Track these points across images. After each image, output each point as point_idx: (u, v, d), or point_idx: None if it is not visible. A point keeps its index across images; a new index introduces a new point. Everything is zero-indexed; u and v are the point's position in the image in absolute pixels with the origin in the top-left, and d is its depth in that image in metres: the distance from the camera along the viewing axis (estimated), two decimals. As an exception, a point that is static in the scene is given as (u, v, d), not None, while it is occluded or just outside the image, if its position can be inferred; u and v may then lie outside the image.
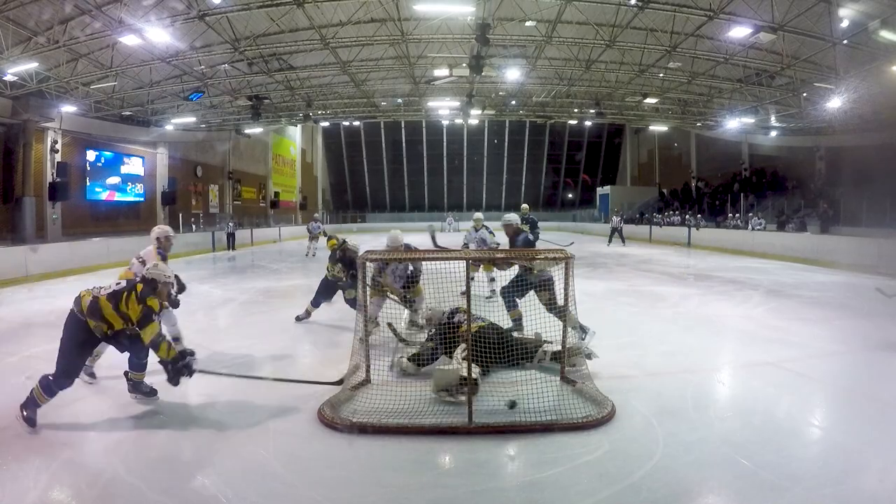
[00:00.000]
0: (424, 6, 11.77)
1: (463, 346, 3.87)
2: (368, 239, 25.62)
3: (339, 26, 12.94)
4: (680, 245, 18.82)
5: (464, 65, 14.91)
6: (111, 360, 4.87)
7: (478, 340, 4.01)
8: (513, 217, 5.76)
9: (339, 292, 6.05)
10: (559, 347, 4.10)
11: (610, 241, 19.31)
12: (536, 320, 4.31)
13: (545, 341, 4.45)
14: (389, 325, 4.97)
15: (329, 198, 39.69)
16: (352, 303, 5.59)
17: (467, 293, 3.64)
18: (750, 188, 22.79)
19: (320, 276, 6.32)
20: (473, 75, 14.80)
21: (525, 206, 10.29)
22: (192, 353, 3.56)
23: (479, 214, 8.64)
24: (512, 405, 3.52)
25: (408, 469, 2.83)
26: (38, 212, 14.44)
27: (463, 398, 3.45)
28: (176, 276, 4.05)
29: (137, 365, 3.77)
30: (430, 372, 4.04)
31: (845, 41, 11.88)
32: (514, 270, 4.94)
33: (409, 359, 4.30)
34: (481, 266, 7.62)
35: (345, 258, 5.81)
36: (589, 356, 4.23)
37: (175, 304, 4.58)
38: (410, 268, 5.66)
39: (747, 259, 14.07)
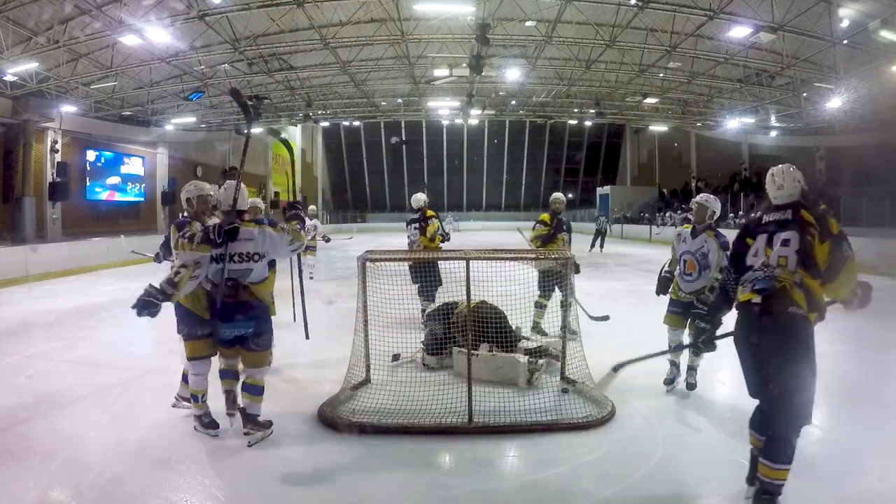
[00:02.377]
0: (424, 6, 11.77)
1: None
2: (369, 239, 25.59)
3: (339, 26, 12.94)
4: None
5: (464, 65, 14.91)
6: (110, 360, 4.88)
7: (475, 319, 4.03)
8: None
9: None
10: (535, 345, 4.38)
11: (592, 245, 16.90)
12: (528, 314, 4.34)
13: (523, 337, 4.61)
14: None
15: (329, 198, 39.66)
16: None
17: (467, 291, 3.64)
18: (750, 188, 22.78)
19: (318, 277, 6.26)
20: (473, 75, 14.80)
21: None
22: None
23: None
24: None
25: (408, 469, 2.83)
26: (38, 212, 14.44)
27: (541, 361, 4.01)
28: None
29: None
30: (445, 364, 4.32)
31: (845, 41, 11.87)
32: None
33: (428, 353, 4.39)
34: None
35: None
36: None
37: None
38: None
39: (747, 259, 14.03)
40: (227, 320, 3.07)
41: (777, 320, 2.22)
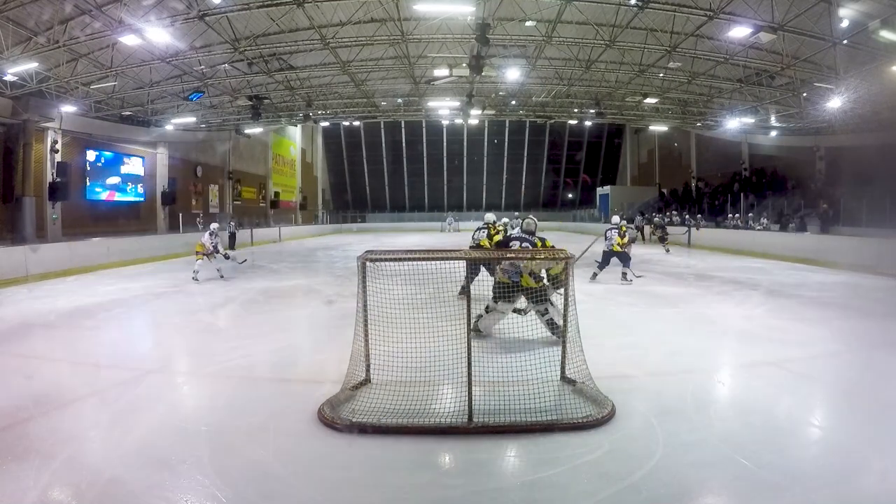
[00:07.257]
0: (424, 6, 11.76)
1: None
2: (369, 239, 25.61)
3: (339, 26, 12.94)
4: (680, 245, 18.80)
5: (464, 65, 14.91)
6: (110, 360, 4.88)
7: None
8: None
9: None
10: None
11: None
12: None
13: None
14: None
15: (329, 198, 39.67)
16: None
17: (467, 293, 3.63)
18: (750, 188, 22.79)
19: (318, 278, 6.28)
20: (473, 75, 14.80)
21: None
22: None
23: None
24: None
25: (408, 469, 2.83)
26: (38, 212, 14.44)
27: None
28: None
29: None
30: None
31: (845, 41, 11.88)
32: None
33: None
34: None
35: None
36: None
37: None
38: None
39: (747, 259, 14.06)
40: None
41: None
